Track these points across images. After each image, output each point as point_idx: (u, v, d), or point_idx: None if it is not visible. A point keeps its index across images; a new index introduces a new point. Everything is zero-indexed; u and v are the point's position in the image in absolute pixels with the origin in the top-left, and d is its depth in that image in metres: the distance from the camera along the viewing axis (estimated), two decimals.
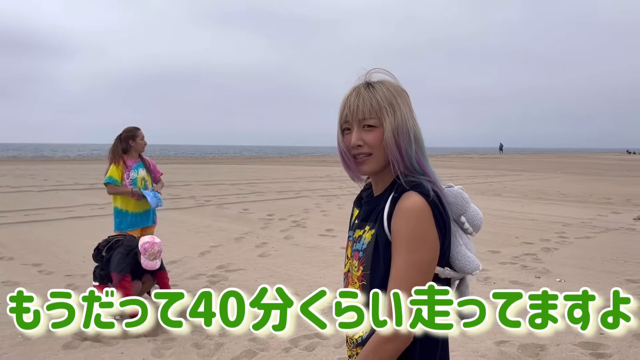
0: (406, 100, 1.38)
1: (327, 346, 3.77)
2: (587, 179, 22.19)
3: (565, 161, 46.28)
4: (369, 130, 1.34)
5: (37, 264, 6.20)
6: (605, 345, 3.76)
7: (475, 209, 1.47)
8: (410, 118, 1.36)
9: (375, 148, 1.34)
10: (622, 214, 10.91)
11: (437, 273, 1.33)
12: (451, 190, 1.44)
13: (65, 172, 24.26)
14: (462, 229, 1.44)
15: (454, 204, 1.42)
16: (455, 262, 1.37)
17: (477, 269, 1.38)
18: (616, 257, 6.65)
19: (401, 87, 1.41)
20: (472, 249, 1.44)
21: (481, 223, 1.47)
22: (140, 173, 5.09)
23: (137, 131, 5.07)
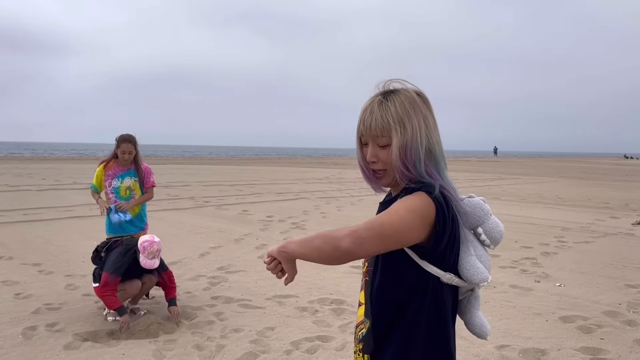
0: (420, 110, 1.38)
1: (329, 349, 3.77)
2: (585, 184, 22.24)
3: (562, 165, 46.37)
4: (382, 148, 1.39)
5: (37, 264, 6.19)
6: (606, 351, 3.77)
7: (496, 221, 1.47)
8: (425, 131, 1.37)
9: (389, 165, 1.39)
10: (621, 218, 10.93)
11: (439, 277, 1.34)
12: (471, 200, 1.46)
13: (63, 171, 24.21)
14: (479, 241, 1.45)
15: (471, 214, 1.43)
16: (462, 270, 1.38)
17: (484, 281, 1.38)
18: (615, 262, 6.66)
19: (416, 96, 1.41)
20: (487, 261, 1.44)
21: (501, 237, 1.46)
22: (126, 182, 4.86)
23: (122, 143, 4.78)
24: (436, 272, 1.34)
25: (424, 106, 1.40)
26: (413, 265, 1.35)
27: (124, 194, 4.87)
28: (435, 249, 1.32)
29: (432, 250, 1.32)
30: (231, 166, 34.43)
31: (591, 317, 4.50)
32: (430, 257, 1.34)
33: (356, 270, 6.12)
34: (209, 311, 4.58)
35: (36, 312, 4.48)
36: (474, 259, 1.38)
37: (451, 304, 1.42)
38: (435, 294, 1.36)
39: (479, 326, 1.47)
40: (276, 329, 4.17)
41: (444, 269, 1.35)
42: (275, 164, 41.14)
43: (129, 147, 4.80)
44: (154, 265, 4.27)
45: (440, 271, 1.34)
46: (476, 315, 1.47)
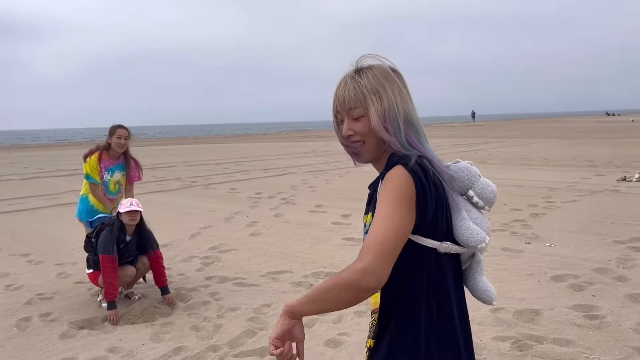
0: (395, 83, 1.38)
1: (326, 322, 3.80)
2: (569, 143, 22.46)
3: (546, 126, 46.72)
4: (357, 120, 1.38)
5: (26, 254, 6.11)
6: (599, 307, 3.84)
7: (486, 182, 1.46)
8: (400, 101, 1.36)
9: (366, 136, 1.38)
10: (606, 175, 11.08)
11: (436, 248, 1.32)
12: (457, 165, 1.45)
13: (45, 159, 23.83)
14: (472, 203, 1.44)
15: (459, 178, 1.42)
16: (458, 235, 1.35)
17: (482, 242, 1.35)
18: (603, 219, 6.76)
19: (390, 70, 1.41)
20: (485, 223, 1.41)
21: (494, 197, 1.45)
22: (116, 176, 4.79)
23: (117, 129, 4.70)
24: (432, 243, 1.31)
25: (398, 80, 1.40)
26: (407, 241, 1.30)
27: (113, 188, 4.80)
28: (424, 221, 1.29)
29: (420, 222, 1.29)
30: (216, 144, 34.15)
31: (582, 275, 4.57)
32: (422, 230, 1.30)
33: (348, 242, 6.14)
34: (204, 292, 4.57)
35: (29, 302, 4.44)
36: (468, 222, 1.36)
37: (453, 274, 1.39)
38: (431, 266, 1.33)
39: (483, 291, 1.45)
40: (272, 306, 4.18)
41: (439, 238, 1.32)
42: (260, 140, 40.90)
43: (124, 132, 4.71)
44: (137, 209, 4.19)
45: (435, 242, 1.32)
46: (479, 280, 1.45)
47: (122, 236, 4.23)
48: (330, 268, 5.10)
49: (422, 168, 1.28)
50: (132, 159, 4.91)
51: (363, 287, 1.20)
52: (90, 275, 4.37)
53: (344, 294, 1.21)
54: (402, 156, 1.32)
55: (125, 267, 4.33)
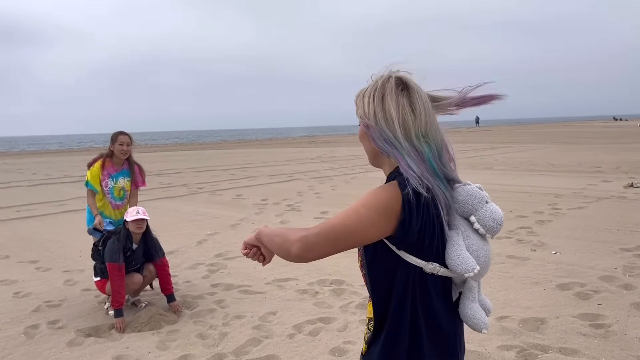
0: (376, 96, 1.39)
1: (331, 330, 3.81)
2: (575, 148, 22.37)
3: (552, 131, 46.55)
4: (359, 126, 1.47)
5: (34, 261, 6.16)
6: (604, 316, 3.83)
7: (492, 209, 1.42)
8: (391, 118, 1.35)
9: (361, 143, 1.48)
10: (613, 182, 11.02)
11: (422, 267, 1.34)
12: (465, 188, 1.42)
13: (53, 164, 24.02)
14: (473, 229, 1.41)
15: (463, 202, 1.40)
16: (448, 260, 1.35)
17: (470, 271, 1.33)
18: (609, 227, 6.73)
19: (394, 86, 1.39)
20: (483, 251, 1.40)
21: (497, 225, 1.42)
22: (120, 182, 4.79)
23: (119, 135, 4.73)
24: (417, 262, 1.33)
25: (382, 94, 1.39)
26: (394, 255, 1.35)
27: (117, 194, 4.80)
28: (405, 239, 1.31)
29: (402, 240, 1.31)
30: (222, 150, 34.28)
31: (588, 283, 4.56)
32: (407, 247, 1.33)
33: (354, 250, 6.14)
34: (210, 299, 4.60)
35: (37, 310, 4.48)
36: (460, 248, 1.35)
37: (442, 296, 1.40)
38: (416, 284, 1.36)
39: (472, 318, 1.42)
40: (278, 313, 4.20)
41: (426, 258, 1.33)
42: (267, 145, 41.01)
43: (126, 139, 4.73)
44: (144, 215, 4.23)
45: (421, 261, 1.33)
46: (469, 307, 1.42)
47: (128, 244, 4.27)
48: (336, 275, 5.11)
49: (415, 189, 1.29)
50: (136, 164, 4.92)
51: (292, 252, 1.33)
52: (98, 283, 4.40)
53: (281, 247, 1.38)
54: (400, 173, 1.34)
55: (132, 275, 4.37)
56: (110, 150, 4.76)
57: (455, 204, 1.40)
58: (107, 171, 4.74)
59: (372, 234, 1.32)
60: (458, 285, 1.45)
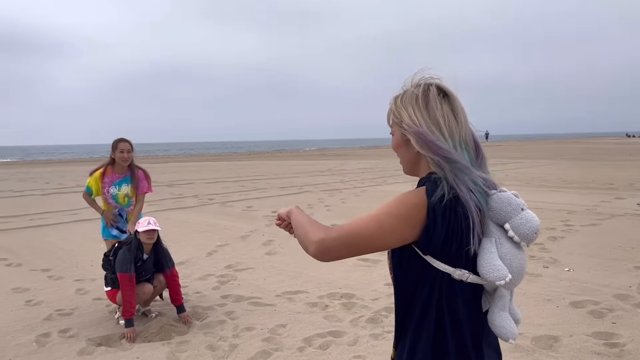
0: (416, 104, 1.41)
1: (341, 344, 3.78)
2: (588, 165, 22.19)
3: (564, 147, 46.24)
4: (392, 136, 1.51)
5: (46, 269, 6.21)
6: (618, 335, 3.77)
7: (527, 217, 1.40)
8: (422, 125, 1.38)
9: (396, 152, 1.51)
10: (626, 199, 10.91)
11: (450, 273, 1.34)
12: (500, 195, 1.40)
13: (66, 174, 24.26)
14: (507, 237, 1.39)
15: (497, 210, 1.38)
16: (479, 267, 1.35)
17: (501, 279, 1.32)
18: (623, 244, 6.65)
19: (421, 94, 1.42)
20: (516, 259, 1.38)
21: (533, 233, 1.40)
22: (123, 190, 4.79)
23: (118, 143, 4.74)
24: (444, 268, 1.33)
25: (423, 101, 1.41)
26: (420, 260, 1.35)
27: (122, 201, 4.82)
28: (429, 244, 1.32)
29: (426, 245, 1.32)
30: (233, 162, 34.44)
31: (602, 301, 4.50)
32: (432, 253, 1.33)
33: (364, 263, 6.13)
34: (220, 310, 4.60)
35: (48, 318, 4.50)
36: (493, 256, 1.34)
37: (470, 303, 1.39)
38: (442, 290, 1.35)
39: (500, 327, 1.41)
40: (288, 326, 4.18)
41: (453, 264, 1.33)
42: (277, 157, 41.14)
43: (126, 146, 4.75)
44: (155, 226, 4.25)
45: (449, 267, 1.33)
46: (498, 315, 1.41)
47: (139, 254, 4.29)
48: (346, 289, 5.09)
49: (439, 193, 1.30)
50: (140, 169, 4.91)
51: (309, 250, 1.39)
52: (108, 293, 4.42)
53: (301, 240, 1.45)
54: (433, 180, 1.35)
55: (143, 285, 4.39)
56: (111, 158, 4.80)
57: (490, 211, 1.38)
58: (109, 179, 4.78)
59: (391, 240, 1.34)
60: (490, 293, 1.43)
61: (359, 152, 48.38)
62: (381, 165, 26.73)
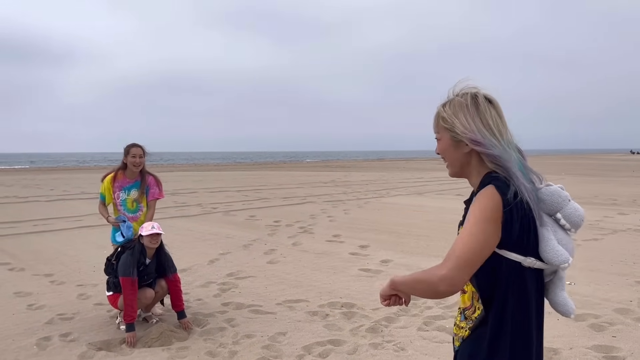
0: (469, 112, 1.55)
1: (341, 353, 3.79)
2: (591, 180, 22.15)
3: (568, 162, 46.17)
4: (438, 141, 1.65)
5: (49, 275, 6.24)
6: (619, 348, 3.77)
7: (575, 207, 1.55)
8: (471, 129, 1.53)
9: (445, 156, 1.64)
10: (629, 215, 10.89)
11: (520, 262, 1.48)
12: (548, 188, 1.56)
13: (71, 181, 24.38)
14: (559, 225, 1.55)
15: (549, 202, 1.54)
16: (543, 254, 1.49)
17: (565, 262, 1.47)
18: (625, 259, 6.64)
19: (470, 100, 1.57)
20: (569, 244, 1.53)
21: (581, 221, 1.55)
22: (132, 195, 4.79)
23: (131, 148, 4.75)
24: (516, 257, 1.47)
25: (474, 108, 1.56)
26: (494, 255, 1.48)
27: (131, 206, 4.83)
28: (508, 238, 1.45)
29: (505, 239, 1.45)
30: (237, 172, 34.53)
31: (602, 315, 4.49)
32: (508, 245, 1.46)
33: (365, 273, 6.14)
34: (221, 317, 4.61)
35: (49, 322, 4.52)
36: (554, 242, 1.48)
37: (535, 287, 1.53)
38: (515, 278, 1.49)
39: (563, 305, 1.57)
40: (288, 334, 4.19)
41: (524, 254, 1.47)
42: (281, 168, 41.22)
43: (138, 151, 4.77)
44: (159, 230, 4.28)
45: (520, 256, 1.47)
46: (560, 294, 1.57)
47: (142, 259, 4.32)
48: (347, 299, 5.10)
49: (511, 191, 1.44)
50: (151, 175, 4.93)
51: (440, 291, 1.43)
52: (110, 298, 4.45)
53: (426, 291, 1.48)
54: (495, 177, 1.49)
55: (145, 290, 4.41)
56: (123, 163, 4.82)
57: (541, 203, 1.53)
58: (119, 183, 4.78)
59: (494, 242, 1.45)
60: (546, 275, 1.58)
61: (363, 164, 48.43)
62: (385, 177, 26.73)
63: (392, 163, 53.15)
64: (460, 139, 1.55)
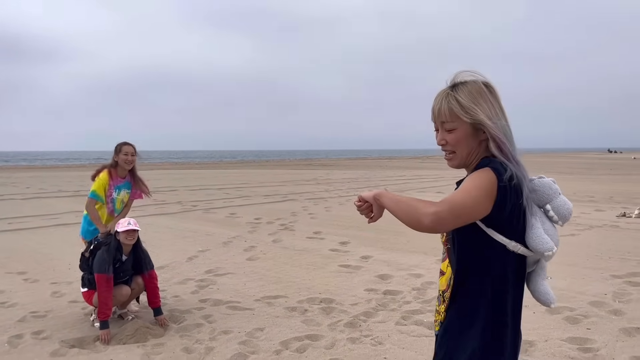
0: (488, 98, 1.55)
1: (318, 347, 3.77)
2: (570, 178, 22.48)
3: (547, 161, 46.83)
4: (450, 132, 1.58)
5: (22, 272, 6.11)
6: (593, 340, 3.81)
7: (564, 200, 1.60)
8: (494, 115, 1.53)
9: (457, 147, 1.59)
10: (606, 211, 11.07)
11: (505, 245, 1.51)
12: (541, 180, 1.61)
13: (48, 179, 23.95)
14: (547, 217, 1.58)
15: (540, 192, 1.59)
16: (529, 240, 1.52)
17: (549, 250, 1.50)
18: (600, 254, 6.74)
19: (484, 86, 1.56)
20: (555, 235, 1.56)
21: (569, 214, 1.60)
22: (122, 194, 4.75)
23: (123, 146, 4.70)
24: (502, 239, 1.50)
25: (491, 95, 1.56)
26: (480, 233, 1.52)
27: (119, 206, 4.77)
28: (498, 217, 1.48)
29: (495, 218, 1.48)
30: (218, 170, 34.29)
31: (577, 307, 4.55)
32: (496, 225, 1.50)
33: (345, 269, 6.13)
34: (198, 314, 4.56)
35: (22, 320, 4.42)
36: (540, 230, 1.51)
37: (515, 274, 1.56)
38: (497, 260, 1.53)
39: (544, 294, 1.61)
40: (265, 330, 4.16)
41: (509, 237, 1.51)
42: (263, 166, 41.06)
43: (130, 149, 4.70)
44: (135, 226, 4.22)
45: (505, 239, 1.50)
46: (541, 284, 1.61)
47: (118, 255, 4.25)
48: (326, 294, 5.08)
49: (508, 174, 1.47)
50: (139, 176, 4.89)
51: (423, 222, 1.44)
52: (85, 294, 4.36)
53: (411, 215, 1.48)
54: (493, 160, 1.51)
55: (120, 287, 4.33)
56: (114, 161, 4.73)
57: (532, 193, 1.57)
58: (113, 181, 4.69)
59: (480, 212, 1.47)
60: (529, 265, 1.60)
61: (345, 163, 48.48)
62: (367, 175, 26.80)
63: (374, 161, 53.32)
64: (480, 127, 1.53)
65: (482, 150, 1.58)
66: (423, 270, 5.98)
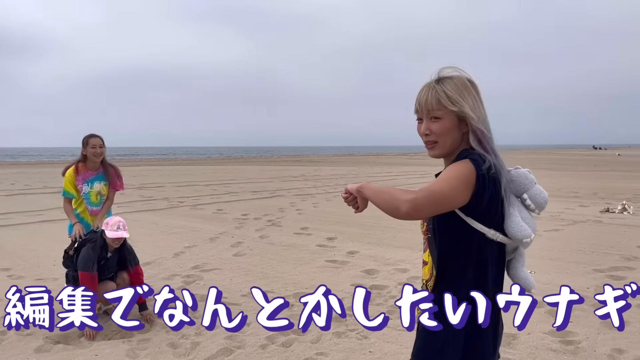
0: (472, 93, 1.60)
1: (304, 342, 3.79)
2: (555, 174, 22.74)
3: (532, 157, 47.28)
4: (435, 121, 1.62)
5: (6, 269, 6.05)
6: (575, 333, 3.88)
7: (540, 189, 1.67)
8: (474, 108, 1.59)
9: (440, 136, 1.62)
10: (589, 207, 11.22)
11: (484, 233, 1.56)
12: (517, 170, 1.68)
13: (33, 175, 23.69)
14: (524, 205, 1.64)
15: (517, 182, 1.65)
16: (507, 228, 1.58)
17: (527, 237, 1.56)
18: (584, 248, 6.84)
19: (467, 81, 1.62)
20: (532, 224, 1.63)
21: (545, 203, 1.67)
22: (96, 187, 4.69)
23: (90, 138, 4.62)
24: (481, 228, 1.56)
25: (474, 90, 1.63)
26: (460, 222, 1.56)
27: (95, 199, 4.70)
28: (477, 206, 1.53)
29: (474, 207, 1.53)
30: (206, 166, 34.16)
31: None
32: (475, 214, 1.55)
33: (332, 264, 6.16)
34: None
35: None
36: (518, 218, 1.57)
37: (495, 262, 1.62)
38: (477, 248, 1.58)
39: (524, 279, 1.67)
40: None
41: (488, 225, 1.56)
42: (251, 163, 40.97)
43: (98, 141, 4.64)
44: (124, 235, 4.19)
45: (484, 227, 1.56)
46: (521, 270, 1.68)
47: (103, 253, 4.23)
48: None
49: (486, 165, 1.52)
50: (112, 166, 4.82)
51: (401, 209, 1.50)
52: None
53: (389, 203, 1.54)
54: (472, 152, 1.57)
55: (106, 283, 4.32)
56: (83, 155, 4.69)
57: (509, 183, 1.63)
58: (81, 176, 4.65)
59: (458, 201, 1.52)
60: (508, 252, 1.67)
61: (333, 159, 48.55)
62: (355, 171, 26.87)
63: (362, 158, 53.43)
64: (465, 119, 1.59)
65: (463, 142, 1.63)
66: (409, 265, 6.03)
